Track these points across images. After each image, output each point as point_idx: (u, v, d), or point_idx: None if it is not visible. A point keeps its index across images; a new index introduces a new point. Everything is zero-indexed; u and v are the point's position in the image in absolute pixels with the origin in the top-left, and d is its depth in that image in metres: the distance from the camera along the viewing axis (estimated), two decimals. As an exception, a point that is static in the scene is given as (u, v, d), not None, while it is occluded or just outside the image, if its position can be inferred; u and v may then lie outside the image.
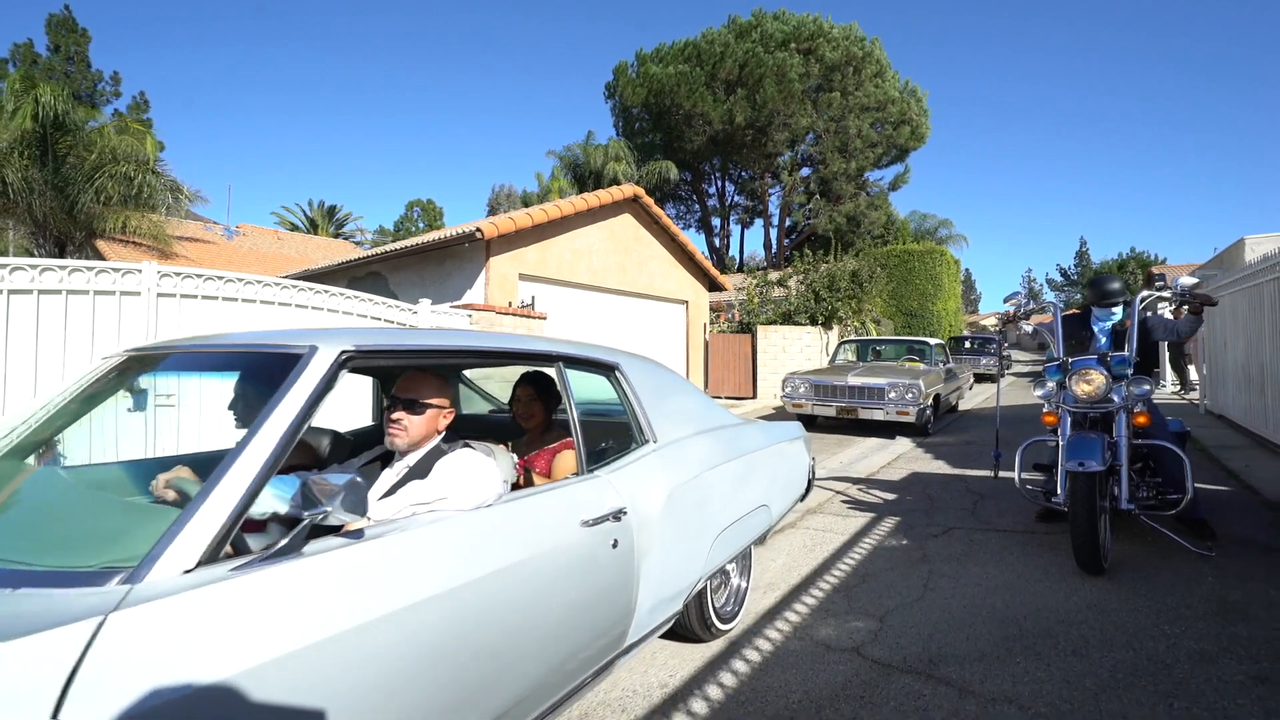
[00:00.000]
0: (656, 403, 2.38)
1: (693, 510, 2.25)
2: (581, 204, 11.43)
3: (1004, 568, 3.44)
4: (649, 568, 1.98)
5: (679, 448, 2.34)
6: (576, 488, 1.87)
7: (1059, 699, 2.14)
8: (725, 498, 2.50)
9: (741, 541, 2.61)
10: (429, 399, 1.82)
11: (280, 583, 1.15)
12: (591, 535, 1.78)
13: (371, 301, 5.90)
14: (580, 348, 2.22)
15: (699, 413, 2.68)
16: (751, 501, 2.72)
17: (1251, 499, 4.68)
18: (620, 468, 2.06)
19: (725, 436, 2.70)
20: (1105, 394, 3.38)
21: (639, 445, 2.23)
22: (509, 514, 1.64)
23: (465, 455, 1.76)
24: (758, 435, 3.01)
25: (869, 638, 2.65)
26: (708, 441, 2.54)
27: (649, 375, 2.46)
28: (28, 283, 4.02)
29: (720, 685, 2.31)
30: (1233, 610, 2.79)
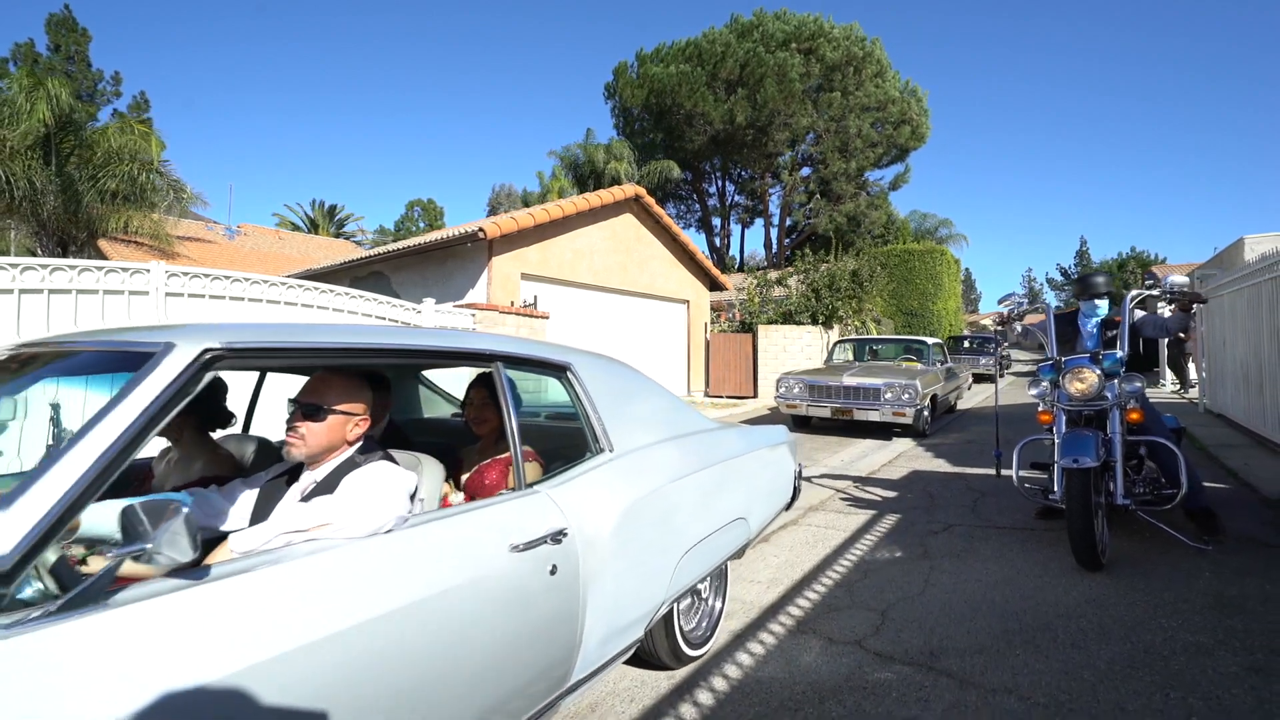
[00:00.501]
0: (616, 407, 2.15)
1: (654, 527, 2.02)
2: (583, 204, 11.48)
3: (1004, 564, 3.48)
4: (599, 594, 1.75)
5: (640, 457, 2.11)
6: (507, 506, 1.65)
7: (1057, 690, 2.19)
8: (694, 511, 2.26)
9: (714, 559, 2.37)
10: (337, 404, 1.61)
11: (70, 645, 0.89)
12: (523, 562, 1.56)
13: (375, 301, 5.95)
14: (525, 345, 2.01)
15: (666, 417, 2.45)
16: (726, 514, 2.48)
17: (1250, 497, 4.73)
18: (565, 482, 1.83)
19: (696, 443, 2.48)
20: (1098, 392, 3.44)
21: (593, 455, 2.00)
22: (414, 541, 1.40)
23: (373, 471, 1.56)
24: (735, 441, 2.76)
25: (871, 631, 2.70)
26: (675, 449, 2.31)
27: (608, 377, 2.23)
28: (38, 282, 4.06)
29: (725, 677, 2.35)
30: (1229, 604, 2.84)
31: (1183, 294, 3.63)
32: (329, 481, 1.58)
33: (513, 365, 1.92)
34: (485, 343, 1.88)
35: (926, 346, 10.12)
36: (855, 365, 9.65)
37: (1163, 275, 3.83)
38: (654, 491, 2.06)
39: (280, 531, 1.40)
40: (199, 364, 1.18)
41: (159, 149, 13.12)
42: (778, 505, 3.07)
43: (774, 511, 3.02)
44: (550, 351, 2.09)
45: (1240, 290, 7.11)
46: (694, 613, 2.55)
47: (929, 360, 9.80)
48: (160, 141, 13.36)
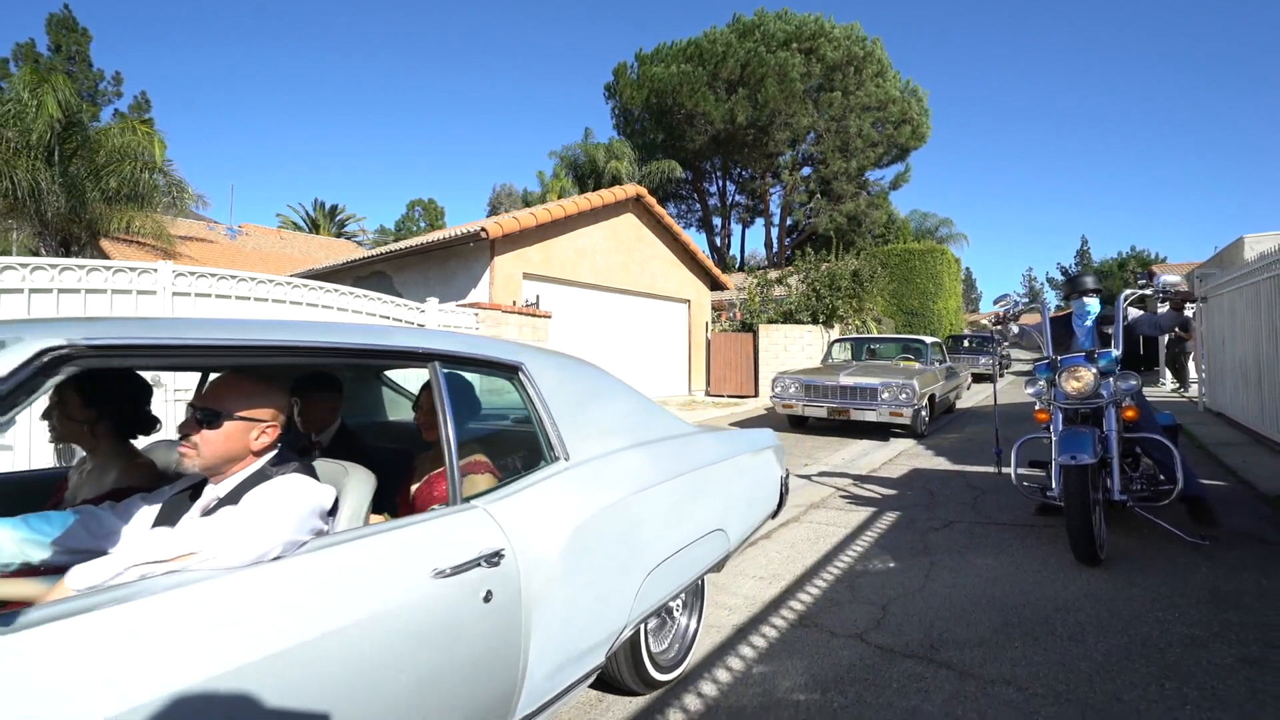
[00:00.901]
0: (575, 411, 1.98)
1: (615, 542, 1.85)
2: (585, 203, 11.52)
3: (1003, 559, 3.52)
4: (547, 621, 1.58)
5: (600, 466, 1.93)
6: (433, 526, 1.45)
7: (1055, 680, 2.23)
8: (664, 524, 2.09)
9: (687, 575, 2.19)
10: (240, 410, 1.44)
11: None
12: (449, 589, 1.37)
13: (379, 300, 5.99)
14: (468, 342, 1.82)
15: (634, 422, 2.27)
16: (702, 526, 2.30)
17: (1248, 494, 4.76)
18: (507, 496, 1.64)
19: (668, 449, 2.30)
20: (1094, 390, 3.49)
21: (547, 464, 1.83)
22: (308, 570, 1.20)
23: (274, 487, 1.38)
24: (713, 446, 2.58)
25: (872, 624, 2.74)
26: (642, 457, 2.13)
27: (567, 378, 2.05)
28: (47, 282, 4.11)
29: (729, 669, 2.40)
30: (1225, 598, 2.88)
31: (1176, 293, 3.68)
32: (234, 497, 1.39)
33: (453, 365, 1.73)
34: (419, 340, 1.67)
35: (925, 346, 10.00)
36: (852, 365, 9.54)
37: (1156, 275, 3.88)
38: (615, 504, 1.88)
39: (134, 563, 1.14)
40: (34, 367, 0.99)
41: (161, 149, 13.17)
42: (762, 514, 2.89)
43: (757, 521, 2.84)
44: (499, 350, 1.89)
45: (1239, 289, 7.15)
46: (665, 633, 2.38)
47: (927, 360, 9.69)
48: (162, 142, 13.42)
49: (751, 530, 2.77)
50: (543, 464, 1.83)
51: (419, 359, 1.64)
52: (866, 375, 8.31)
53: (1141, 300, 3.92)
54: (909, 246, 23.68)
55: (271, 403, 1.50)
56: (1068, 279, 4.18)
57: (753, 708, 2.13)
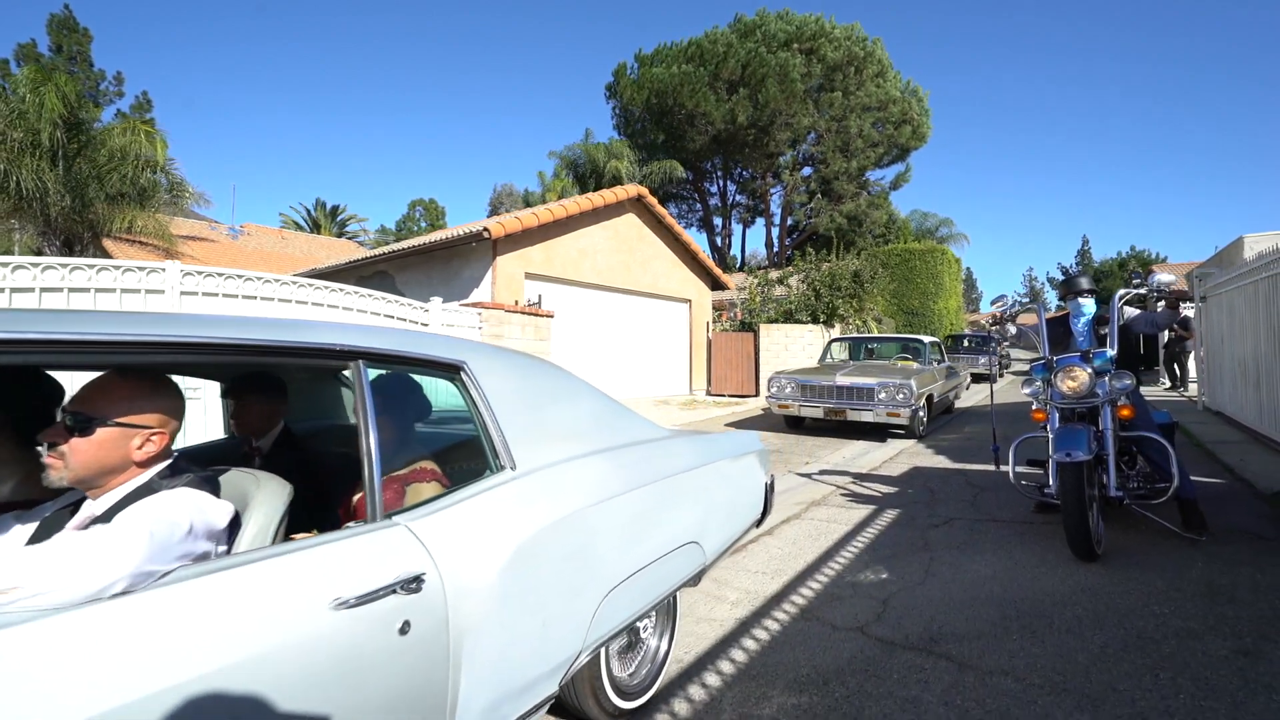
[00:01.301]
0: (527, 415, 1.81)
1: (566, 562, 1.68)
2: (586, 204, 11.57)
3: (1002, 555, 3.57)
4: (481, 652, 1.42)
5: (553, 475, 1.76)
6: (339, 548, 1.26)
7: (1052, 671, 2.28)
8: (627, 538, 1.92)
9: (655, 592, 2.02)
10: (118, 415, 1.27)
11: None
12: (355, 621, 1.20)
13: (384, 299, 6.04)
14: (399, 338, 1.64)
15: (597, 426, 2.10)
16: (673, 538, 2.14)
17: (1245, 491, 4.81)
18: (436, 511, 1.46)
19: (635, 456, 2.12)
20: (1090, 389, 3.54)
21: (492, 473, 1.66)
22: (162, 608, 1.01)
23: (147, 506, 1.21)
24: (687, 452, 2.41)
25: (872, 618, 2.79)
26: (605, 464, 1.96)
27: (518, 378, 1.88)
28: (58, 281, 4.16)
29: (732, 661, 2.44)
30: (1220, 593, 2.92)
31: (1170, 291, 3.73)
32: (109, 515, 1.22)
33: (380, 363, 1.56)
34: (337, 335, 1.46)
35: (923, 345, 9.91)
36: (849, 364, 9.46)
37: (1152, 273, 3.94)
38: (568, 517, 1.71)
39: None
40: None
41: (163, 148, 13.25)
42: (742, 523, 2.73)
43: (738, 531, 2.68)
44: (437, 347, 1.70)
45: (1238, 288, 7.19)
46: (631, 656, 2.19)
47: (926, 359, 9.61)
48: (164, 141, 13.50)
49: (732, 541, 2.61)
50: (487, 474, 1.67)
51: (338, 356, 1.44)
52: (863, 375, 8.22)
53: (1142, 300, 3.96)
54: (909, 246, 23.72)
55: (158, 407, 1.33)
56: (1064, 280, 4.24)
57: (756, 698, 2.17)
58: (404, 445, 1.82)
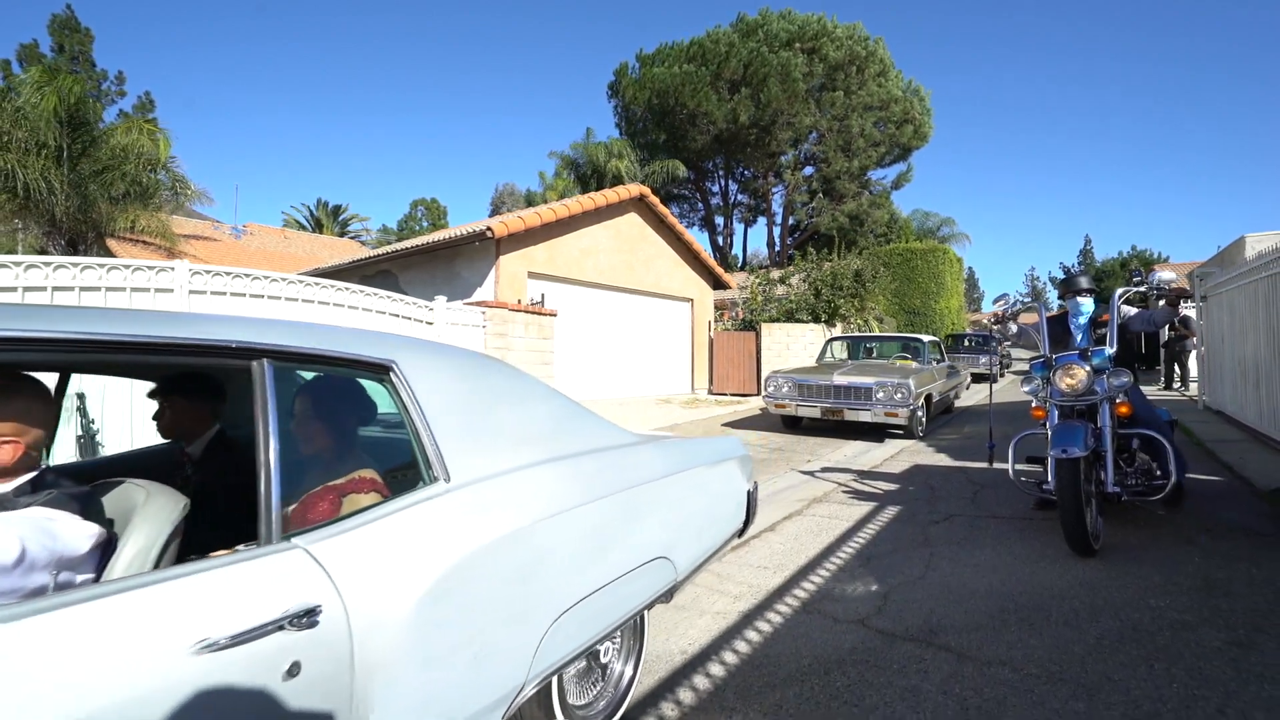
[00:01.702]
0: (467, 419, 1.64)
1: (505, 585, 1.50)
2: (589, 203, 11.63)
3: (1001, 550, 3.62)
4: (397, 693, 1.24)
5: (493, 487, 1.57)
6: (214, 577, 1.08)
7: (1049, 662, 2.32)
8: (583, 556, 1.75)
9: (617, 614, 1.84)
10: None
11: None
12: (226, 666, 1.02)
13: (389, 298, 6.10)
14: (316, 334, 1.46)
15: (552, 432, 1.90)
16: (638, 554, 1.95)
17: (1244, 489, 4.85)
18: (346, 531, 1.28)
19: (595, 465, 1.94)
20: (1088, 387, 3.59)
21: (425, 484, 1.48)
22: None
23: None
24: (657, 459, 2.22)
25: (873, 611, 2.83)
26: (558, 474, 1.78)
27: (459, 379, 1.70)
28: (70, 280, 4.22)
29: (736, 652, 2.50)
30: (1216, 586, 2.97)
31: (1170, 289, 3.78)
32: None
33: (289, 363, 1.38)
34: (234, 331, 1.28)
35: (923, 344, 9.81)
36: (847, 364, 9.36)
37: (1153, 272, 3.98)
38: (509, 535, 1.53)
39: None
40: None
41: (166, 147, 13.34)
42: (721, 535, 2.53)
43: (715, 543, 2.48)
44: (361, 344, 1.52)
45: (1239, 288, 7.23)
46: (591, 682, 2.02)
47: (925, 359, 9.50)
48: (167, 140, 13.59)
49: (709, 554, 2.42)
50: (421, 485, 1.48)
51: (231, 355, 1.26)
52: (861, 374, 8.11)
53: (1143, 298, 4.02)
54: (911, 246, 23.77)
55: (11, 412, 1.20)
56: (1063, 279, 4.29)
57: (759, 686, 2.22)
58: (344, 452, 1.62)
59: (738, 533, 2.71)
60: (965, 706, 2.06)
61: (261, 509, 1.20)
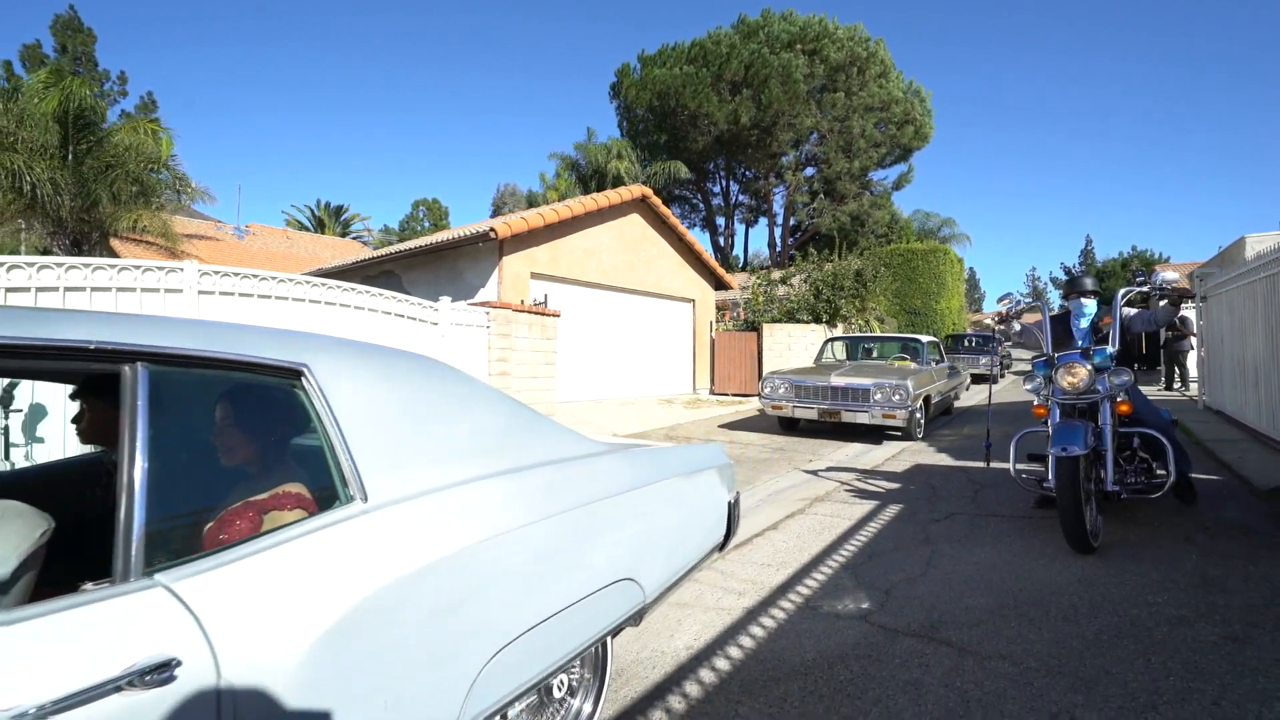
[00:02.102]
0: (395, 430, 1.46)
1: (432, 620, 1.31)
2: (591, 204, 11.68)
3: (1002, 548, 3.66)
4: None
5: (421, 508, 1.38)
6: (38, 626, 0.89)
7: (1048, 656, 2.37)
8: (530, 581, 1.56)
9: (571, 644, 1.66)
10: None
11: None
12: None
13: (395, 299, 6.15)
14: (202, 333, 1.27)
15: (498, 443, 1.70)
16: (597, 577, 1.77)
17: (1242, 488, 4.90)
18: (226, 564, 1.08)
19: (549, 479, 1.74)
20: (1089, 385, 3.64)
21: (342, 504, 1.30)
22: None
23: None
24: (623, 471, 2.03)
25: (876, 607, 2.88)
26: (504, 490, 1.59)
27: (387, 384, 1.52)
28: (81, 280, 4.27)
29: (740, 647, 2.54)
30: (1212, 583, 3.02)
31: (1173, 289, 3.82)
32: None
33: (173, 367, 1.18)
34: (101, 330, 1.11)
35: (921, 345, 9.70)
36: (845, 364, 9.26)
37: (1156, 272, 4.02)
38: (438, 562, 1.34)
39: None
40: None
41: (168, 146, 13.43)
42: (696, 551, 2.34)
43: (690, 560, 2.30)
44: (266, 344, 1.34)
45: (1238, 288, 7.27)
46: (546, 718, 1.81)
47: (924, 359, 9.40)
48: (169, 140, 13.67)
49: (683, 573, 2.24)
50: (336, 505, 1.30)
51: (95, 359, 1.09)
52: (859, 375, 8.01)
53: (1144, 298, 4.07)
54: (912, 246, 23.83)
55: None
56: (1067, 279, 4.33)
57: (764, 680, 2.27)
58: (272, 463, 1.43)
59: (718, 547, 2.56)
60: (966, 699, 2.10)
61: (119, 540, 1.01)
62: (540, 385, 7.86)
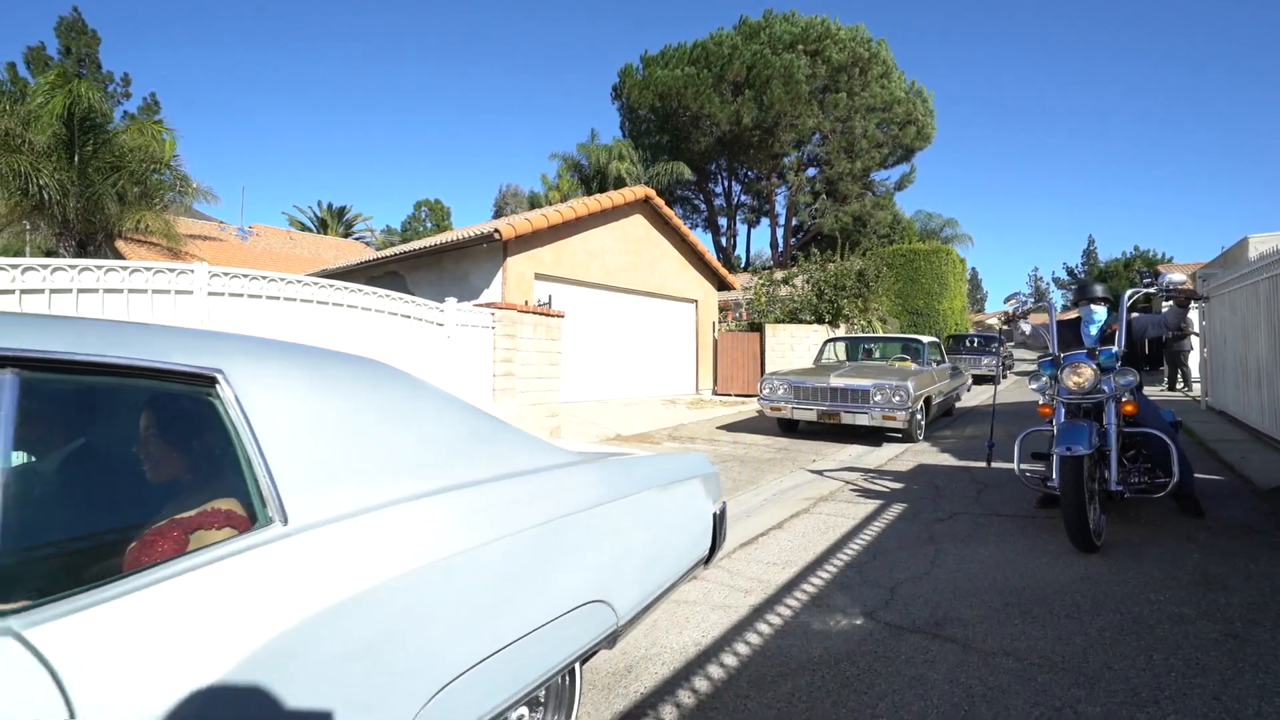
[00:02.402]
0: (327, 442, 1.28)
1: (360, 658, 1.15)
2: (595, 205, 11.72)
3: (1005, 547, 3.70)
4: None
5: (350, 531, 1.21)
6: None
7: (1051, 652, 2.41)
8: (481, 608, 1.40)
9: (531, 675, 1.50)
10: None
11: None
12: None
13: (402, 299, 6.20)
14: (100, 335, 1.10)
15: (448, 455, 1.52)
16: (561, 600, 1.60)
17: (1243, 487, 4.93)
18: (103, 602, 0.91)
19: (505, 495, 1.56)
20: (1094, 385, 3.67)
21: (259, 527, 1.13)
22: None
23: None
24: (592, 485, 1.86)
25: (880, 605, 2.92)
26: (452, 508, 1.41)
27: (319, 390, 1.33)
28: (93, 282, 4.32)
29: (748, 643, 2.58)
30: (1214, 581, 3.05)
31: (1179, 291, 3.86)
32: None
33: (54, 373, 1.02)
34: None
35: (922, 345, 9.55)
36: (845, 365, 9.18)
37: (1162, 273, 4.05)
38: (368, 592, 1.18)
39: None
40: None
41: (171, 146, 13.52)
42: (676, 567, 2.17)
43: (669, 577, 2.12)
44: (174, 346, 1.18)
45: (1241, 289, 7.29)
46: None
47: (924, 360, 9.26)
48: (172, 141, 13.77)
49: (661, 590, 2.07)
50: (257, 526, 1.13)
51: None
52: (858, 376, 7.91)
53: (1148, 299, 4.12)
54: (914, 247, 23.85)
55: None
56: (1079, 285, 4.36)
57: (771, 676, 2.31)
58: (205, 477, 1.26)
59: (703, 561, 2.41)
60: (970, 694, 2.14)
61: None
62: (545, 386, 7.90)
